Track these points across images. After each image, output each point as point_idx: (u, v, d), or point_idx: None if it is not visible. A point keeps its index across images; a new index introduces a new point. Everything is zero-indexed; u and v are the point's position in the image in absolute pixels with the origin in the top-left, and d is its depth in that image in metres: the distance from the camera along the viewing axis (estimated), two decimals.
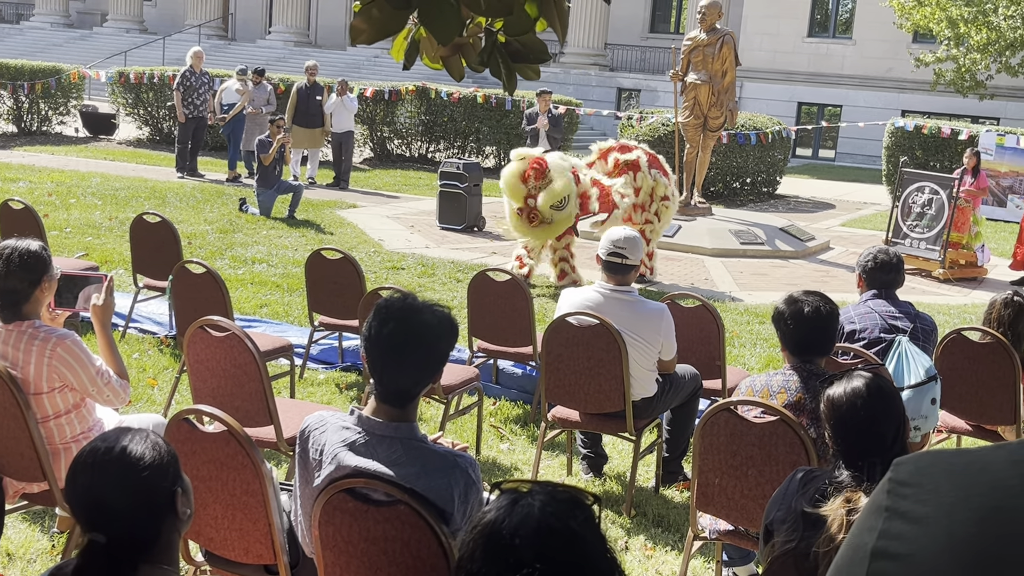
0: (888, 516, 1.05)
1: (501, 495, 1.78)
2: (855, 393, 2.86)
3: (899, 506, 1.05)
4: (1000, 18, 22.23)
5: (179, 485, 2.24)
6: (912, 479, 1.07)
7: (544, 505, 1.75)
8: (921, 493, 1.04)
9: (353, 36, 2.44)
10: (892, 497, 1.07)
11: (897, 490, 1.07)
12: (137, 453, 2.16)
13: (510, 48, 3.34)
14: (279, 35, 36.51)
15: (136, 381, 6.82)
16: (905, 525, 1.03)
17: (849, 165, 28.17)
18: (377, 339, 2.81)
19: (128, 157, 19.34)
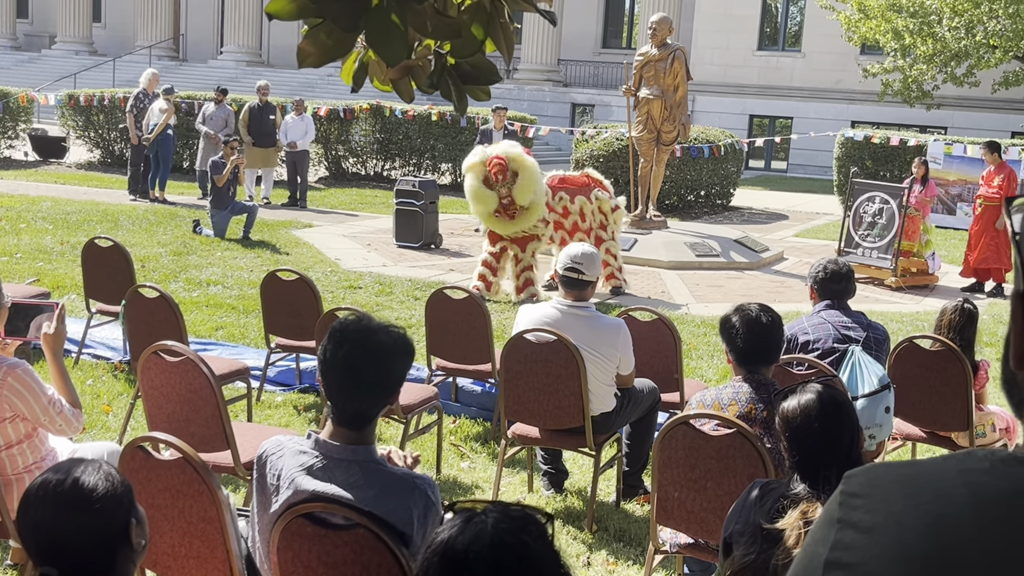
0: (840, 527, 1.08)
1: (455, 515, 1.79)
2: (808, 405, 2.88)
3: (850, 517, 1.07)
4: (944, 29, 22.61)
5: (133, 516, 2.21)
6: (862, 490, 1.09)
7: (498, 522, 1.76)
8: (871, 503, 1.06)
9: (300, 59, 2.44)
10: (843, 508, 1.09)
11: (848, 501, 1.09)
12: (90, 484, 2.14)
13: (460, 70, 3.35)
14: (231, 55, 36.30)
15: (90, 408, 6.74)
16: (856, 535, 1.05)
17: (801, 176, 28.48)
18: (332, 362, 2.80)
19: (79, 180, 19.13)
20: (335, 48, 2.44)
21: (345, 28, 2.25)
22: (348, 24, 2.24)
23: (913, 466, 1.10)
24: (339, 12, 2.24)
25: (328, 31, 2.40)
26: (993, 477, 1.03)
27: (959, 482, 1.03)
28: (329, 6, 2.24)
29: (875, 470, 1.12)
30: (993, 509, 1.00)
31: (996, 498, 1.01)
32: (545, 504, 5.58)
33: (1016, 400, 1.16)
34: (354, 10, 2.26)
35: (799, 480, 2.83)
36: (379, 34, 2.30)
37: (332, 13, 2.25)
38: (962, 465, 1.06)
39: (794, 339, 5.04)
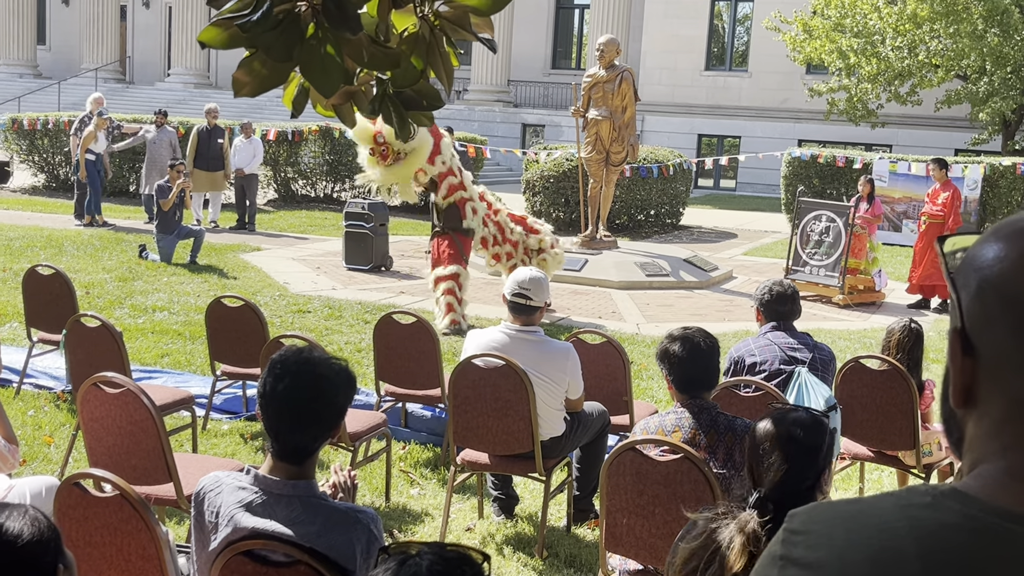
0: (783, 564, 1.08)
1: (388, 558, 1.75)
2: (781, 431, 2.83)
3: (792, 553, 1.07)
4: (888, 49, 22.99)
5: (61, 561, 2.14)
6: (804, 527, 1.09)
7: (432, 564, 1.73)
8: (812, 539, 1.06)
9: (236, 89, 2.40)
10: (786, 545, 1.09)
11: (790, 538, 1.10)
12: (14, 530, 2.07)
13: (403, 96, 3.32)
14: (179, 77, 36.01)
15: (31, 439, 6.60)
16: (800, 571, 1.05)
17: (750, 195, 28.77)
18: (272, 396, 2.75)
19: (23, 205, 18.83)
20: (270, 77, 2.40)
21: (278, 59, 2.21)
22: (282, 55, 2.21)
23: (855, 503, 1.10)
24: (272, 43, 2.21)
25: (263, 61, 2.37)
26: (934, 511, 1.04)
27: (900, 516, 1.04)
28: (261, 37, 2.21)
29: (818, 508, 1.13)
30: (934, 541, 1.01)
31: (937, 531, 1.02)
32: (496, 530, 5.54)
33: (955, 438, 1.16)
34: (288, 41, 2.23)
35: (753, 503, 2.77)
36: (314, 65, 2.27)
37: (265, 44, 2.21)
38: (903, 500, 1.07)
39: (740, 361, 5.05)
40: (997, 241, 1.08)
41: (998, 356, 1.05)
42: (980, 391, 1.08)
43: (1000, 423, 1.06)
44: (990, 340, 1.05)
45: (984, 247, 1.08)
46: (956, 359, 1.09)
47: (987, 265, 1.06)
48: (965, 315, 1.08)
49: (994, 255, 1.06)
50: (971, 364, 1.08)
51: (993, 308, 1.05)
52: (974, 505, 1.03)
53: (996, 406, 1.06)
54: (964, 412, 1.11)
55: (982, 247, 1.09)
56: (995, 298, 1.04)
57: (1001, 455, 1.06)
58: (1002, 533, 1.00)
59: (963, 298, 1.08)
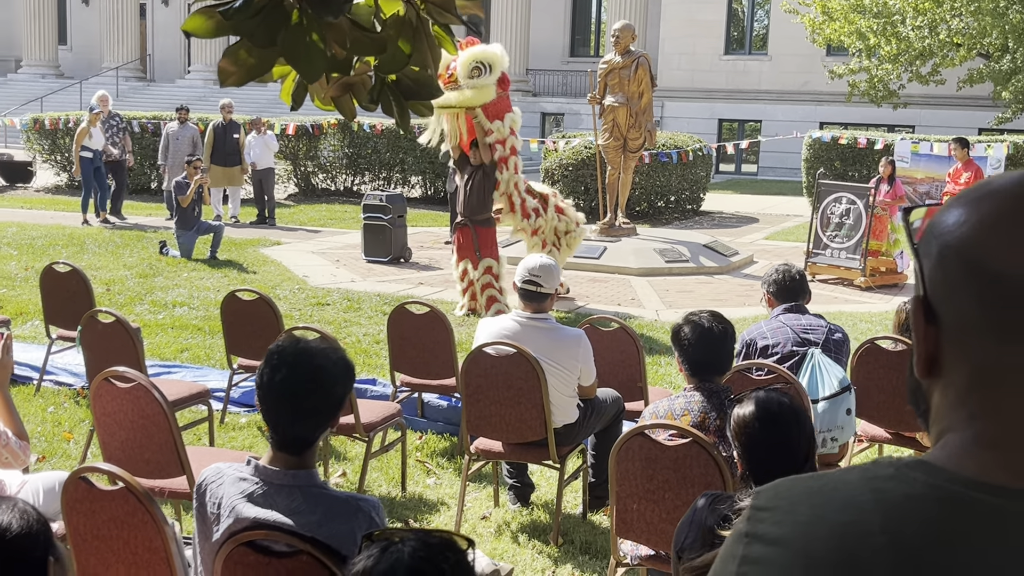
0: (748, 541, 1.06)
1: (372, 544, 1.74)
2: (762, 412, 2.84)
3: (757, 530, 1.05)
4: (908, 29, 22.74)
5: (52, 554, 2.14)
6: (770, 503, 1.07)
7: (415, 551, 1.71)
8: (778, 515, 1.04)
9: (222, 79, 2.39)
10: (751, 522, 1.08)
11: (756, 515, 1.08)
12: (2, 523, 2.07)
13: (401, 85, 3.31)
14: (199, 74, 36.15)
15: (51, 435, 6.65)
16: (764, 548, 1.03)
17: (772, 179, 28.59)
18: (270, 386, 2.74)
19: (46, 205, 18.96)
20: (257, 66, 2.39)
21: (262, 45, 2.20)
22: (264, 40, 2.20)
23: (820, 477, 1.08)
24: (254, 29, 2.19)
25: (248, 49, 2.36)
26: (899, 482, 1.01)
27: (865, 489, 1.02)
28: (244, 24, 2.20)
29: (784, 483, 1.11)
30: (899, 513, 0.99)
31: (902, 503, 1.00)
32: (511, 518, 5.53)
33: (922, 409, 1.13)
34: (270, 27, 2.21)
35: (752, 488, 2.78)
36: (297, 51, 2.25)
37: (247, 31, 2.20)
38: (868, 473, 1.04)
39: (753, 344, 5.01)
40: (959, 206, 1.05)
41: (961, 323, 1.02)
42: (945, 360, 1.05)
43: (965, 391, 1.03)
44: (953, 307, 1.03)
45: (946, 213, 1.06)
46: (920, 328, 1.06)
47: (948, 230, 1.04)
48: (927, 283, 1.05)
49: (954, 220, 1.04)
50: (935, 333, 1.05)
51: (954, 274, 1.02)
52: (940, 475, 1.00)
53: (961, 374, 1.04)
54: (929, 382, 1.08)
55: (944, 213, 1.06)
56: (956, 264, 1.02)
57: (967, 424, 1.03)
58: (968, 502, 0.98)
59: (925, 266, 1.06)
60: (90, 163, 16.07)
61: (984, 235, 1.01)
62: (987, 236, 1.01)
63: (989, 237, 1.00)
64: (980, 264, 1.00)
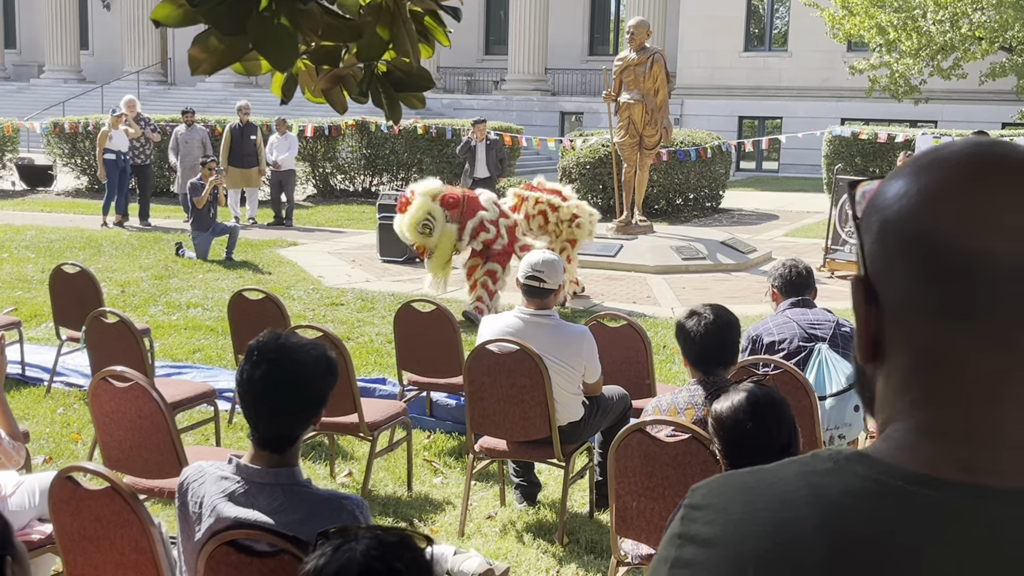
0: (680, 543, 1.00)
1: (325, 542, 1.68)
2: (740, 405, 2.78)
3: (689, 530, 0.99)
4: (929, 23, 22.52)
5: (9, 553, 2.10)
6: (704, 501, 1.00)
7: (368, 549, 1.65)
8: (710, 514, 0.98)
9: (193, 67, 2.34)
10: (684, 523, 1.01)
11: (689, 514, 1.01)
12: None
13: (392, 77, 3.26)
14: (219, 77, 36.21)
15: (59, 436, 6.64)
16: (696, 550, 0.97)
17: (793, 176, 28.39)
18: (249, 383, 2.69)
19: (66, 208, 19.05)
20: (227, 53, 2.34)
21: (228, 32, 2.15)
22: (231, 28, 2.15)
23: (757, 472, 1.01)
24: (221, 16, 2.14)
25: (219, 36, 2.31)
26: (836, 476, 0.95)
27: (801, 484, 0.95)
28: (211, 11, 2.15)
29: (718, 480, 1.04)
30: (835, 510, 0.92)
31: (838, 498, 0.93)
32: (517, 517, 5.47)
33: (867, 396, 1.06)
34: (238, 13, 2.16)
35: None
36: (266, 38, 2.20)
37: (214, 18, 2.15)
38: (805, 467, 0.98)
39: (759, 340, 4.93)
40: (901, 177, 0.98)
41: (902, 303, 0.95)
42: (888, 343, 0.98)
43: (908, 377, 0.96)
44: (893, 286, 0.96)
45: (887, 186, 0.99)
46: (860, 310, 0.99)
47: (887, 204, 0.96)
48: (867, 261, 0.98)
49: (894, 193, 0.97)
50: (876, 314, 0.98)
51: (894, 250, 0.95)
52: (878, 468, 0.93)
53: (903, 358, 0.97)
54: (873, 368, 1.01)
55: (886, 185, 0.99)
56: (896, 239, 0.95)
57: (910, 412, 0.96)
58: (907, 497, 0.91)
59: (866, 242, 0.99)
60: (114, 164, 16.09)
61: (925, 207, 0.94)
62: (928, 208, 0.93)
63: (930, 209, 0.93)
64: (921, 238, 0.93)
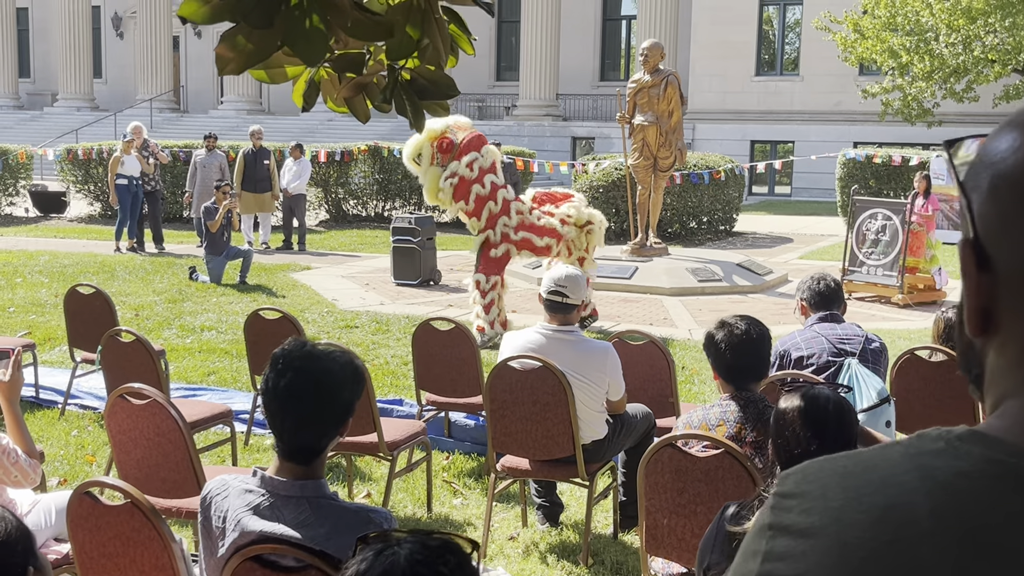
0: (772, 535, 0.90)
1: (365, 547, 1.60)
2: (808, 405, 2.68)
3: (782, 520, 0.89)
4: (942, 46, 22.48)
5: (31, 563, 2.02)
6: (797, 488, 0.91)
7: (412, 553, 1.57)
8: (806, 502, 0.88)
9: (220, 66, 2.28)
10: (775, 512, 0.91)
11: (781, 503, 0.91)
12: None
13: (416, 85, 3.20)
14: (231, 104, 36.43)
15: (73, 458, 6.57)
16: (791, 541, 0.87)
17: (806, 199, 28.29)
18: (275, 392, 2.61)
19: (79, 234, 19.07)
20: (255, 52, 2.28)
21: (258, 26, 2.09)
22: (262, 21, 2.08)
23: (854, 456, 0.92)
24: (250, 10, 2.08)
25: (246, 34, 2.25)
26: (949, 458, 0.86)
27: (909, 467, 0.86)
28: (240, 4, 2.09)
29: (813, 465, 0.94)
30: (949, 493, 0.83)
31: (952, 481, 0.84)
32: (540, 538, 5.37)
33: (974, 374, 0.98)
34: (267, 7, 2.10)
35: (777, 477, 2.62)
36: (297, 33, 2.14)
37: (243, 11, 2.09)
38: (911, 449, 0.88)
39: (787, 355, 4.83)
40: (1011, 130, 0.90)
41: (1020, 266, 0.87)
42: (1001, 312, 0.89)
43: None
44: (1009, 248, 0.87)
45: (997, 139, 0.91)
46: (970, 277, 0.90)
47: (1001, 158, 0.88)
48: (977, 221, 0.89)
49: (1008, 146, 0.88)
50: (988, 281, 0.89)
51: (1010, 208, 0.86)
52: (998, 448, 0.85)
53: (1021, 327, 0.88)
54: (983, 341, 0.92)
55: (995, 139, 0.91)
56: (1012, 195, 0.86)
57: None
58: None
59: (975, 201, 0.90)
60: (126, 189, 16.07)
61: None
62: None
63: None
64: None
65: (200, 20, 2.22)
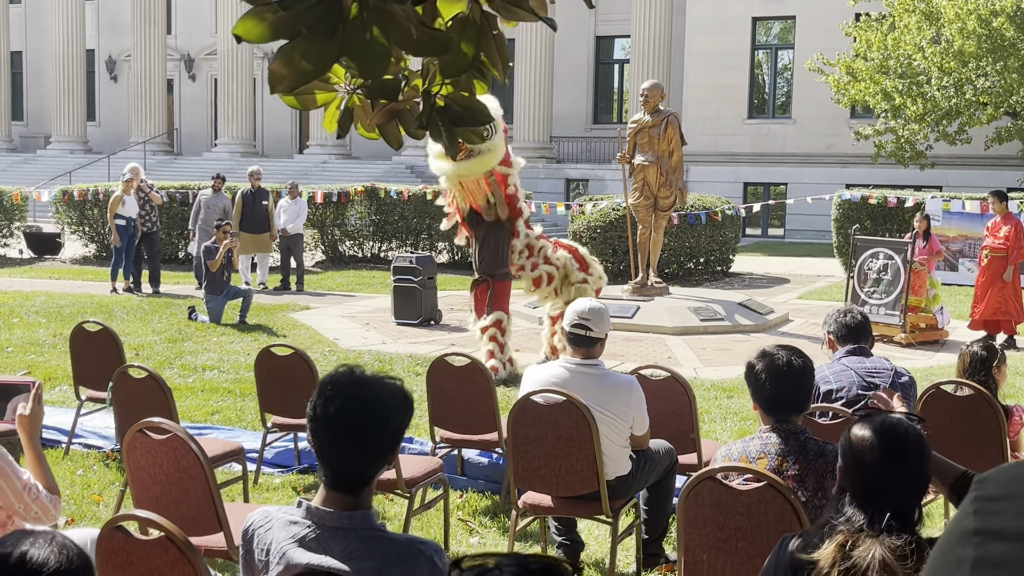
0: (980, 541, 0.83)
1: (463, 573, 1.51)
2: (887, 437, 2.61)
3: (992, 525, 0.82)
4: (934, 88, 22.66)
5: None
6: (1004, 491, 0.84)
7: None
8: (1019, 504, 0.82)
9: (273, 84, 2.22)
10: (981, 517, 0.84)
11: (987, 507, 0.85)
12: (39, 559, 1.87)
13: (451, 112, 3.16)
14: (225, 147, 36.46)
15: (80, 498, 6.44)
16: (1006, 545, 0.81)
17: (799, 241, 28.36)
18: (323, 419, 2.54)
19: (74, 275, 18.96)
20: (312, 70, 2.23)
21: (321, 36, 2.04)
22: (325, 32, 2.03)
23: None
24: (315, 20, 2.04)
25: (303, 51, 2.20)
26: None
27: None
28: (304, 13, 2.04)
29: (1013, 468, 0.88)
30: None
31: None
32: None
33: None
34: (331, 17, 2.05)
35: (848, 506, 2.53)
36: (358, 46, 2.09)
37: (307, 21, 2.04)
38: None
39: (816, 388, 4.77)
40: None
41: None
42: None
43: None
44: None
45: None
46: None
47: None
48: None
49: None
50: None
51: None
52: None
53: None
54: None
55: None
56: None
57: None
58: None
59: None
60: (124, 230, 15.98)
61: None
62: None
63: None
64: None
65: (257, 39, 2.17)
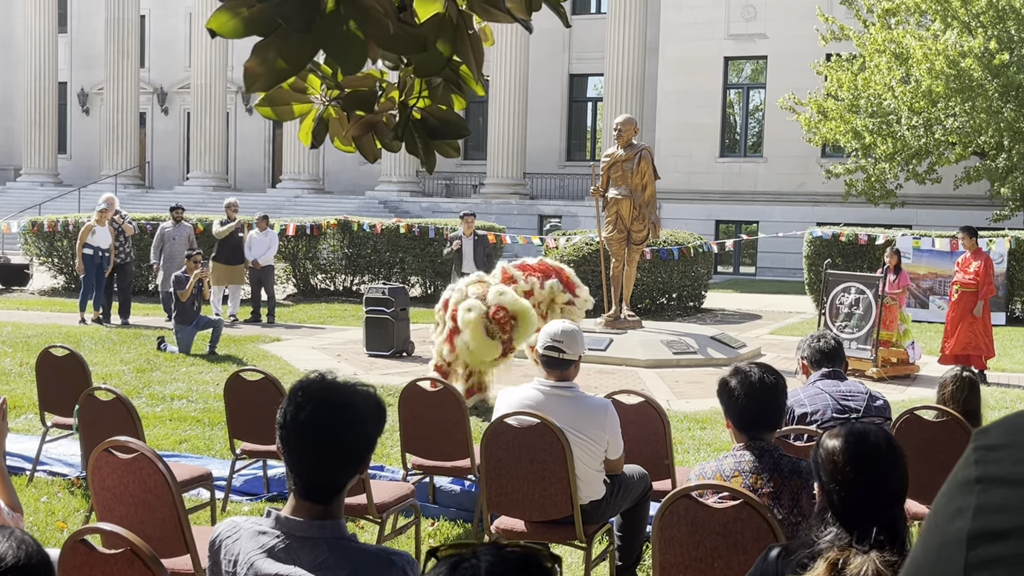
0: (982, 488, 0.81)
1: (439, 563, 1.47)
2: (856, 445, 2.59)
3: (995, 472, 0.80)
4: (904, 128, 22.94)
5: None
6: (1005, 440, 0.83)
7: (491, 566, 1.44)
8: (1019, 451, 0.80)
9: (248, 82, 2.19)
10: (982, 466, 0.82)
11: (988, 456, 0.83)
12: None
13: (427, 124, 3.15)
14: (198, 180, 36.35)
15: (44, 525, 6.31)
16: (1009, 491, 0.78)
17: (770, 279, 28.53)
18: (293, 425, 2.48)
19: (43, 306, 18.74)
20: (286, 68, 2.21)
21: (298, 29, 2.01)
22: (301, 26, 2.01)
23: None
24: (291, 13, 2.01)
25: (279, 48, 2.17)
26: None
27: None
28: (281, 8, 2.02)
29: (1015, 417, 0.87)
30: None
31: None
32: None
33: None
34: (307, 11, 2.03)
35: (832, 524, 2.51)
36: (335, 41, 2.07)
37: (284, 14, 2.01)
38: None
39: (791, 411, 4.75)
40: None
41: None
42: None
43: None
44: None
45: None
46: None
47: None
48: None
49: None
50: None
51: None
52: None
53: None
54: None
55: None
56: None
57: None
58: None
59: None
60: (91, 260, 15.79)
61: None
62: None
63: None
64: None
65: (231, 34, 2.14)
